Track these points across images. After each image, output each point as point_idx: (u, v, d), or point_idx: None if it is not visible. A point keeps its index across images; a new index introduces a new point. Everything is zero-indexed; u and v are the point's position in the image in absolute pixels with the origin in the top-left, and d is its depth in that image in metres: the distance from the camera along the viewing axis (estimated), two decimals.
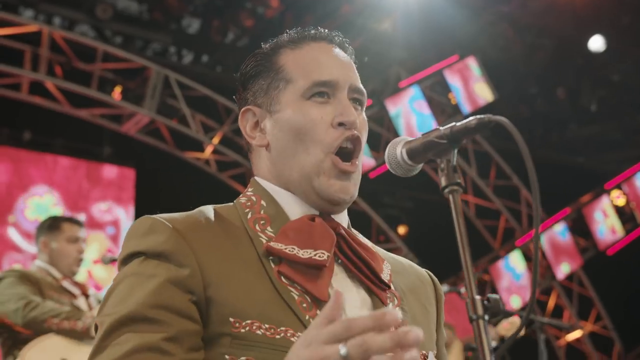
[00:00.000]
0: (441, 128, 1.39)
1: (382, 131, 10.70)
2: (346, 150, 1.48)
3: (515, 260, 11.31)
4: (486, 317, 1.24)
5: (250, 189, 1.55)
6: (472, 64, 11.18)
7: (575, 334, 12.13)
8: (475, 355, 5.42)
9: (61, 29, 9.65)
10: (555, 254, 11.62)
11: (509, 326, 5.34)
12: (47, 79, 8.85)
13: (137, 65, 9.35)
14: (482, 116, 1.36)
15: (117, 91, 9.39)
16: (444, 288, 6.00)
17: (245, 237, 1.44)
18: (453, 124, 1.39)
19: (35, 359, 3.70)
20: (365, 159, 10.14)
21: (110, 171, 10.10)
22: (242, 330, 1.32)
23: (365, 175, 10.48)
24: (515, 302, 11.13)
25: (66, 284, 4.20)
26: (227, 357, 1.31)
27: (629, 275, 12.37)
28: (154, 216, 1.42)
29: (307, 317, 1.36)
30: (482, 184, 11.55)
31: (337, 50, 1.56)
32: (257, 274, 1.39)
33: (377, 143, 10.66)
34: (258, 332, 1.32)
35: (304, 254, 1.40)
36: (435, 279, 1.68)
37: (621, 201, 12.45)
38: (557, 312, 12.07)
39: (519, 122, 12.64)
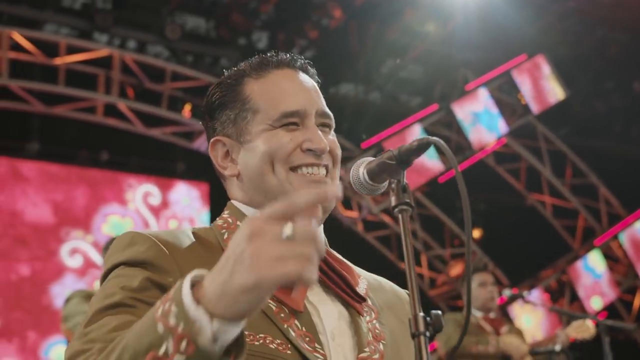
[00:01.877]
0: (392, 150, 1.44)
1: (450, 135, 10.62)
2: (314, 179, 1.50)
3: (594, 260, 11.02)
4: (427, 334, 1.27)
5: (226, 212, 1.57)
6: (541, 62, 10.98)
7: None
8: (544, 358, 5.33)
9: (134, 51, 9.95)
10: (637, 253, 11.27)
11: (579, 327, 5.24)
12: (120, 101, 9.14)
13: (205, 82, 9.54)
14: (421, 137, 1.43)
15: (187, 109, 9.61)
16: (507, 292, 5.92)
17: (222, 255, 1.46)
18: (401, 145, 1.44)
19: None
20: (433, 163, 10.11)
21: (182, 189, 10.25)
22: None
23: (435, 180, 10.43)
24: (596, 303, 10.84)
25: None
26: None
27: None
28: (135, 231, 1.44)
29: (285, 326, 1.39)
30: (557, 183, 11.31)
31: (301, 76, 1.58)
32: None
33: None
34: None
35: None
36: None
37: None
38: None
39: (596, 118, 12.36)
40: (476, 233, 11.86)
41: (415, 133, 10.18)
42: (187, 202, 10.03)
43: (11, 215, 8.96)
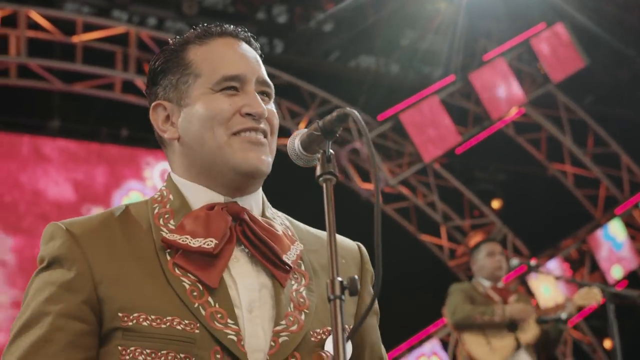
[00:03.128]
0: (318, 121, 1.48)
1: (469, 106, 10.58)
2: (253, 140, 1.55)
3: (615, 229, 10.95)
4: (343, 298, 1.32)
5: (164, 184, 1.63)
6: (561, 31, 10.86)
7: None
8: (552, 326, 5.37)
9: (151, 28, 10.03)
10: None
11: (585, 294, 5.27)
12: (137, 77, 9.24)
13: None
14: (340, 109, 1.46)
15: None
16: (514, 262, 5.96)
17: (148, 233, 1.52)
18: (325, 117, 1.48)
19: None
20: (451, 135, 10.09)
21: None
22: (130, 323, 1.42)
23: (452, 152, 10.42)
24: (616, 272, 10.80)
25: None
26: (119, 348, 1.42)
27: None
28: (57, 223, 1.53)
29: (196, 305, 1.44)
30: (579, 152, 11.24)
31: (244, 45, 1.62)
32: (150, 268, 1.48)
33: (464, 118, 10.55)
34: (144, 323, 1.42)
35: (195, 243, 1.48)
36: (364, 251, 1.72)
37: None
38: None
39: (617, 87, 12.21)
40: (496, 204, 11.84)
41: (434, 104, 10.16)
42: None
43: (34, 194, 9.23)
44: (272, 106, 1.61)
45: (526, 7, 10.82)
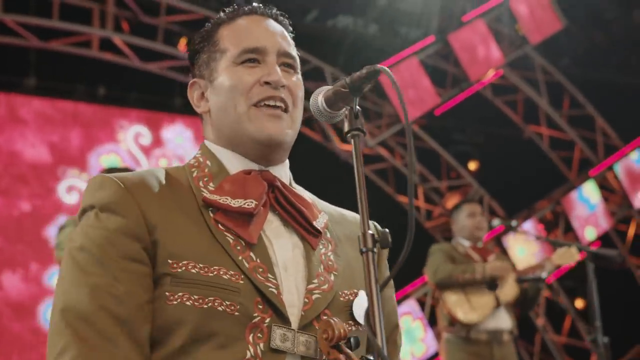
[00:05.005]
0: (345, 78, 1.53)
1: (448, 67, 10.60)
2: (272, 106, 1.63)
3: (589, 191, 11.11)
4: (375, 250, 1.38)
5: (199, 152, 1.72)
6: None
7: None
8: (531, 285, 5.47)
9: None
10: (631, 182, 11.35)
11: (563, 254, 5.37)
12: (115, 35, 9.12)
13: (201, 16, 9.49)
14: (370, 66, 1.51)
15: (183, 43, 9.59)
16: (495, 222, 6.03)
17: (189, 192, 1.61)
18: (353, 74, 1.53)
19: None
20: (429, 96, 10.12)
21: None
22: (179, 270, 1.49)
23: (431, 113, 10.45)
24: (590, 233, 10.98)
25: None
26: (167, 293, 1.48)
27: None
28: (105, 174, 1.59)
29: (240, 258, 1.52)
30: (555, 115, 11.33)
31: (270, 21, 1.73)
32: (196, 221, 1.56)
33: (443, 79, 10.57)
34: (193, 270, 1.49)
35: (235, 203, 1.57)
36: (379, 228, 1.78)
37: None
38: (639, 241, 11.84)
39: (595, 49, 12.27)
40: (473, 165, 11.94)
41: (413, 65, 10.15)
42: (180, 141, 10.22)
43: (11, 156, 9.24)
44: (297, 79, 1.69)
45: None
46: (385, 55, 10.27)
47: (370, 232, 1.40)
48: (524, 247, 10.44)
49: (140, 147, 10.00)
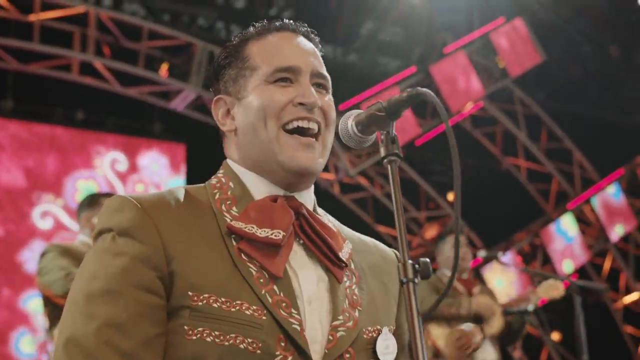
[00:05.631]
0: (381, 102, 1.47)
1: None
2: (304, 129, 1.54)
3: (567, 223, 11.18)
4: (416, 280, 1.31)
5: (221, 171, 1.62)
6: (520, 25, 10.99)
7: (633, 297, 11.97)
8: (516, 318, 5.43)
9: (109, 9, 9.81)
10: (608, 216, 11.44)
11: (548, 287, 5.33)
12: (96, 59, 9.03)
13: (183, 42, 9.46)
14: (411, 89, 1.45)
15: (164, 68, 9.53)
16: (481, 253, 6.00)
17: (211, 216, 1.51)
18: (390, 97, 1.46)
19: None
20: (410, 126, 10.14)
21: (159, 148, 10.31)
22: (200, 303, 1.40)
23: (411, 143, 10.47)
24: (567, 266, 11.02)
25: None
26: (185, 327, 1.40)
27: None
28: (124, 195, 1.50)
29: (263, 292, 1.44)
30: (533, 147, 11.41)
31: (301, 39, 1.63)
32: (219, 250, 1.47)
33: (423, 110, 10.61)
34: (214, 305, 1.40)
35: (262, 232, 1.48)
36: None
37: None
38: (614, 275, 11.91)
39: (572, 83, 12.43)
40: (451, 196, 11.95)
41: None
42: (155, 168, 10.15)
43: None
44: (329, 99, 1.61)
45: (485, 2, 10.92)
46: (364, 85, 10.29)
47: (410, 262, 1.32)
48: (502, 279, 10.44)
49: (117, 174, 9.94)
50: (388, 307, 1.63)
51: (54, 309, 4.17)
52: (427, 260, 1.33)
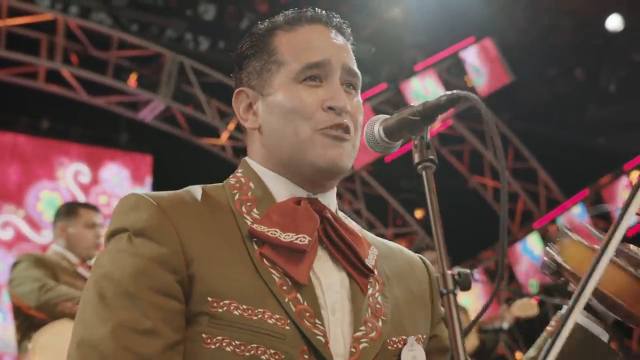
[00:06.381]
0: (414, 105, 1.39)
1: None
2: (335, 135, 1.47)
3: (533, 243, 11.26)
4: (456, 292, 1.24)
5: (240, 170, 1.54)
6: (489, 46, 11.09)
7: None
8: (489, 336, 5.43)
9: (77, 17, 9.67)
10: None
11: (522, 305, 5.36)
12: (63, 67, 8.90)
13: (152, 52, 9.36)
14: (451, 92, 1.36)
15: (133, 78, 9.42)
16: (455, 270, 6.03)
17: (231, 217, 1.44)
18: (425, 101, 1.39)
19: (49, 343, 3.73)
20: None
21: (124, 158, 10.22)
22: (220, 310, 1.33)
23: (381, 160, 10.47)
24: (533, 285, 11.10)
25: (81, 269, 4.24)
26: (204, 335, 1.32)
27: None
28: (140, 193, 1.42)
29: (286, 300, 1.36)
30: (499, 167, 11.47)
31: (333, 33, 1.54)
32: (240, 254, 1.39)
33: None
34: (235, 312, 1.33)
35: (286, 237, 1.40)
36: (429, 263, 1.69)
37: None
38: None
39: (538, 104, 12.57)
40: (419, 213, 11.98)
41: (365, 112, 10.15)
42: (117, 181, 10.06)
43: None
44: (357, 100, 1.54)
45: (456, 21, 11.00)
46: None
47: (449, 272, 1.25)
48: (469, 298, 10.46)
49: (80, 185, 9.82)
50: (413, 315, 1.56)
51: (25, 321, 4.03)
52: (468, 271, 1.27)
